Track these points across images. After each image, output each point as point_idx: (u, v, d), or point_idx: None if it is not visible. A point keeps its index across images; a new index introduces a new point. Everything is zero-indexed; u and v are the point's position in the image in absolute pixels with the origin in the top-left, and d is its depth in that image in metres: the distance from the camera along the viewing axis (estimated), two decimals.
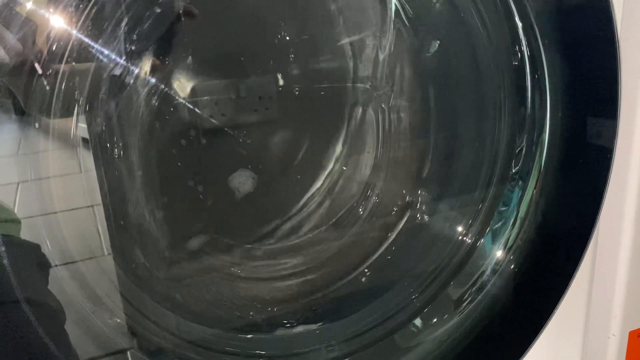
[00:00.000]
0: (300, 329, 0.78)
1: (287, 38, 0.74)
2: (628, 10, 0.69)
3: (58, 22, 0.52)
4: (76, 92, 0.58)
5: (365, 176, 0.86)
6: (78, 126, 0.58)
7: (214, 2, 0.70)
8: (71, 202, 0.58)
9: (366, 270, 0.84)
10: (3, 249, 0.48)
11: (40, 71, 0.52)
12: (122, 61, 0.61)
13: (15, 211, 0.53)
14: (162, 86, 0.67)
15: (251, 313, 0.77)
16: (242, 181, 0.76)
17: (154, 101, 0.67)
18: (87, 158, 0.59)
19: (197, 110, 0.70)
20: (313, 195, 0.84)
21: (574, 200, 0.74)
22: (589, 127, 0.70)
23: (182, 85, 0.69)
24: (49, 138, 0.55)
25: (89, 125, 0.61)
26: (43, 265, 0.55)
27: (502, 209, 0.80)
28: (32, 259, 0.54)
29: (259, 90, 0.75)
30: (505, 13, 0.73)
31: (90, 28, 0.55)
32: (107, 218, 0.62)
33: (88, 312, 0.57)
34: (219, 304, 0.76)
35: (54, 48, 0.52)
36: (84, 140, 0.59)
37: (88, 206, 0.60)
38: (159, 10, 0.63)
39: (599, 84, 0.68)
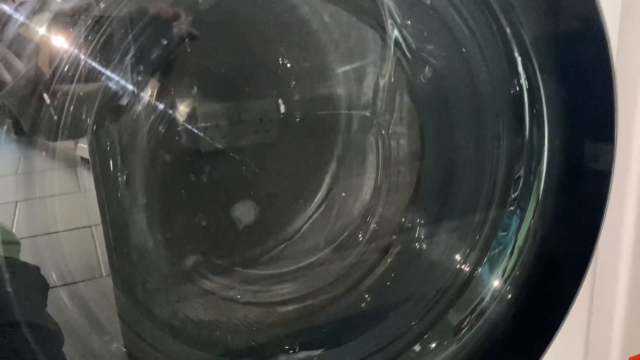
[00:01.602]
0: (302, 355, 0.76)
1: (288, 65, 0.74)
2: (623, 36, 0.69)
3: (63, 47, 0.51)
4: (82, 117, 0.57)
5: (365, 202, 0.85)
6: (78, 146, 0.57)
7: (216, 28, 0.70)
8: (71, 222, 0.56)
9: (366, 296, 0.82)
10: (7, 276, 0.48)
11: (48, 101, 0.51)
12: (127, 86, 0.60)
13: (14, 231, 0.52)
14: (166, 111, 0.67)
15: (252, 338, 0.75)
16: (245, 211, 0.75)
17: (157, 126, 0.67)
18: (87, 178, 0.58)
19: (199, 133, 0.70)
20: (311, 220, 0.83)
21: (572, 228, 0.74)
22: (587, 153, 0.70)
23: (184, 110, 0.69)
24: (49, 157, 0.55)
25: (93, 150, 0.60)
26: (42, 287, 0.54)
27: (501, 235, 0.79)
28: (32, 281, 0.53)
29: (259, 114, 0.74)
30: (504, 46, 0.73)
31: (98, 56, 0.55)
32: (107, 240, 0.60)
33: (86, 335, 0.56)
34: (218, 328, 0.74)
35: (60, 74, 0.52)
36: (83, 159, 0.59)
37: (87, 226, 0.59)
38: (165, 42, 0.63)
39: (596, 111, 0.68)
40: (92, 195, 0.59)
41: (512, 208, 0.79)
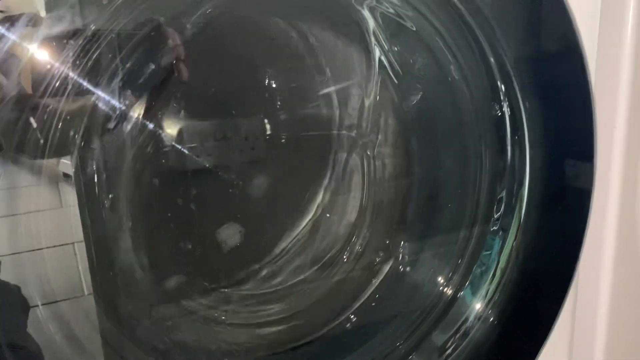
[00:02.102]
0: None
1: (275, 86, 0.74)
2: (601, 58, 0.70)
3: (51, 67, 0.51)
4: (69, 138, 0.57)
5: (350, 222, 0.85)
6: (60, 162, 0.56)
7: (204, 51, 0.70)
8: (52, 239, 0.55)
9: (351, 317, 0.81)
10: None
11: (34, 125, 0.51)
12: (115, 107, 0.60)
13: None
14: (153, 131, 0.66)
15: None
16: (230, 234, 0.74)
17: (144, 146, 0.66)
18: (69, 194, 0.57)
19: (185, 151, 0.69)
20: (296, 240, 0.82)
21: (553, 249, 0.74)
22: (567, 173, 0.71)
23: (171, 129, 0.69)
24: (30, 173, 0.54)
25: (78, 169, 0.59)
26: (23, 307, 0.52)
27: (483, 256, 0.79)
28: (13, 301, 0.52)
29: (245, 131, 0.74)
30: (487, 72, 0.74)
31: (86, 78, 0.55)
32: (90, 259, 0.59)
33: (68, 356, 0.54)
34: (203, 350, 0.72)
35: (48, 94, 0.51)
36: (66, 175, 0.58)
37: (69, 243, 0.58)
38: (153, 67, 0.63)
39: (576, 131, 0.69)
40: (74, 212, 0.58)
41: (494, 228, 0.79)
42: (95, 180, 0.62)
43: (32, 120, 0.50)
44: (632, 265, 0.77)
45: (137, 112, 0.64)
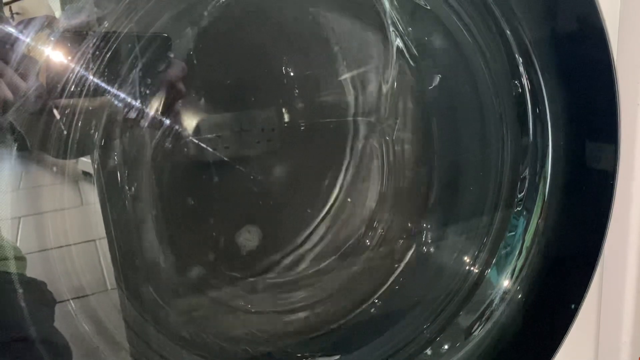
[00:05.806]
0: None
1: (292, 74, 0.73)
2: (623, 36, 0.67)
3: (69, 63, 0.50)
4: (90, 133, 0.56)
5: (371, 207, 0.83)
6: (80, 160, 0.56)
7: (220, 40, 0.69)
8: (74, 237, 0.55)
9: (376, 301, 0.80)
10: (20, 291, 0.48)
11: (58, 116, 0.51)
12: (134, 101, 0.59)
13: (18, 245, 0.51)
14: (171, 124, 0.66)
15: (265, 347, 0.74)
16: (248, 238, 0.74)
17: (163, 139, 0.66)
18: (90, 192, 0.57)
19: (203, 145, 0.69)
20: (317, 227, 0.81)
21: (578, 227, 0.72)
22: (590, 152, 0.68)
23: (189, 121, 0.68)
24: (50, 173, 0.54)
25: (100, 165, 0.59)
26: (49, 302, 0.53)
27: (508, 236, 0.78)
28: (40, 297, 0.52)
29: (261, 122, 0.73)
30: (505, 48, 0.71)
31: (105, 72, 0.54)
32: (112, 254, 0.59)
33: (95, 348, 0.55)
34: (230, 338, 0.72)
35: (68, 89, 0.51)
36: (86, 173, 0.58)
37: (90, 240, 0.58)
38: (172, 55, 0.62)
39: (599, 111, 0.67)
40: (95, 209, 0.58)
41: (518, 209, 0.77)
42: (118, 172, 0.62)
43: (55, 111, 0.50)
44: None
45: (156, 104, 0.64)
